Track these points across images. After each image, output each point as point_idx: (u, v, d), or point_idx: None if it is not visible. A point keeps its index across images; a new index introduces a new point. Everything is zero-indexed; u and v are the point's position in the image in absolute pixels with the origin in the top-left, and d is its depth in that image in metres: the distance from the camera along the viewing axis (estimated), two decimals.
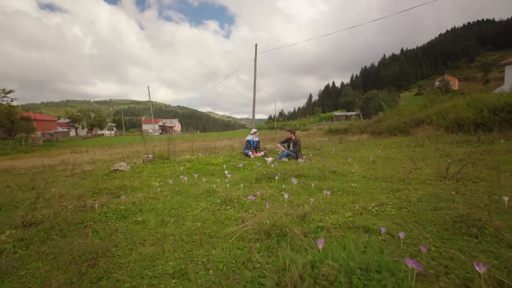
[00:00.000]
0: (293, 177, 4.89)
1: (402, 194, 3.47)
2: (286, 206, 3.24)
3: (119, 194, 4.43)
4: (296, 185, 4.29)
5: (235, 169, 6.18)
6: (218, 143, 30.20)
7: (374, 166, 5.65)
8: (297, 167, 5.46)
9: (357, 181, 4.39)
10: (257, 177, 4.82)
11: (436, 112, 12.80)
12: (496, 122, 9.79)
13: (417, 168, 5.05)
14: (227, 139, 40.54)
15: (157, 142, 36.65)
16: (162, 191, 4.44)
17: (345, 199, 3.46)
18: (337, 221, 2.58)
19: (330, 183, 4.33)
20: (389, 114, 17.55)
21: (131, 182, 5.26)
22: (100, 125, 69.37)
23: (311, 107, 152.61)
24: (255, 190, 4.10)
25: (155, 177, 5.90)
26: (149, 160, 7.75)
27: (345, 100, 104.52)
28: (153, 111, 45.92)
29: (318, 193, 3.83)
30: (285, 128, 72.19)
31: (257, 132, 8.07)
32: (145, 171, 6.57)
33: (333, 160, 6.69)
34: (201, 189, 4.38)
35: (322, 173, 5.04)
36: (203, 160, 7.21)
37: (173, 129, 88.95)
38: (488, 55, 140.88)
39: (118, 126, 73.40)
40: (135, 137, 57.20)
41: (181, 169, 6.29)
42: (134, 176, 6.02)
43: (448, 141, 8.39)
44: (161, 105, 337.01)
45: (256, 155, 7.56)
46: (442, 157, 6.25)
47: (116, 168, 6.47)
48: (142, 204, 3.67)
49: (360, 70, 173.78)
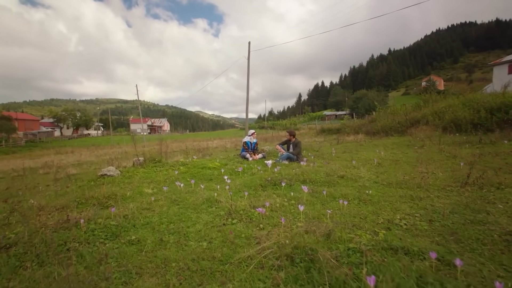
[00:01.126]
0: (300, 183, 4.54)
1: (426, 204, 3.16)
2: (302, 220, 2.87)
3: (108, 205, 3.96)
4: (306, 193, 3.94)
5: (234, 173, 5.77)
6: (210, 143, 29.62)
7: (382, 170, 5.36)
8: (301, 171, 5.11)
9: (369, 187, 4.07)
10: (261, 184, 4.43)
11: (431, 112, 12.73)
12: (494, 122, 9.74)
13: (428, 172, 4.78)
14: (217, 139, 39.98)
15: (146, 142, 35.74)
16: (156, 200, 4.00)
17: (364, 210, 3.12)
18: (369, 240, 2.23)
19: (341, 189, 3.99)
20: (383, 114, 17.48)
21: (121, 190, 4.78)
22: (87, 125, 67.30)
23: (300, 107, 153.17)
24: (261, 199, 3.71)
25: (148, 183, 5.43)
26: (139, 163, 7.24)
27: (335, 100, 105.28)
28: (141, 110, 44.79)
29: (332, 202, 3.49)
30: (275, 127, 71.93)
31: (255, 133, 7.69)
32: (136, 176, 6.08)
33: (337, 163, 6.37)
34: (200, 198, 3.96)
35: (330, 178, 4.70)
36: (198, 164, 6.77)
37: (162, 129, 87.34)
38: (471, 56, 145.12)
39: (105, 126, 71.25)
40: (123, 137, 55.75)
41: (175, 173, 5.83)
42: (124, 182, 5.53)
43: (449, 142, 8.22)
44: (150, 104, 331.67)
45: (254, 157, 7.17)
46: (449, 159, 6.03)
47: (104, 173, 5.95)
48: (135, 217, 3.22)
49: (349, 69, 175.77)
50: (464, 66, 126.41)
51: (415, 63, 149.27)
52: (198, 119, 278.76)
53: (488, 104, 10.66)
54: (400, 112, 15.73)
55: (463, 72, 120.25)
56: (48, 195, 4.84)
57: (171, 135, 71.55)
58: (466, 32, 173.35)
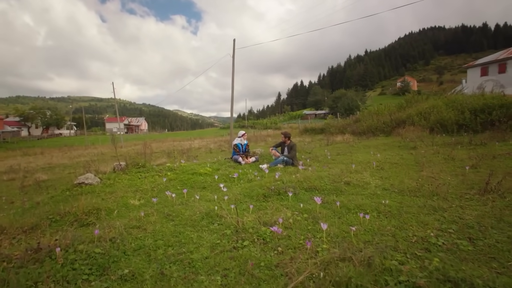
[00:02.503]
0: (304, 191, 4.18)
1: (453, 216, 2.89)
2: (325, 240, 2.50)
3: (89, 222, 3.39)
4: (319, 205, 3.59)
5: (229, 179, 5.31)
6: (191, 143, 28.75)
7: (385, 174, 5.12)
8: (303, 178, 4.75)
9: (382, 196, 3.78)
10: (264, 193, 4.01)
11: (416, 112, 12.90)
12: (478, 123, 9.96)
13: (435, 177, 4.60)
14: (198, 139, 39.08)
15: (124, 143, 34.17)
16: (147, 215, 3.47)
17: (387, 224, 2.80)
18: (418, 269, 1.88)
19: (353, 199, 3.66)
20: (367, 114, 17.64)
21: (103, 202, 4.18)
22: (58, 124, 63.33)
23: (280, 106, 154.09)
24: (269, 212, 3.31)
25: (133, 192, 4.85)
26: (121, 168, 6.58)
27: (314, 99, 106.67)
28: (117, 109, 42.84)
29: (348, 215, 3.14)
30: (256, 126, 71.57)
31: (245, 135, 7.25)
32: (118, 184, 5.45)
33: (336, 167, 6.09)
34: (198, 212, 3.49)
35: (336, 185, 4.38)
36: (188, 169, 6.23)
37: (140, 128, 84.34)
38: (441, 59, 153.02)
39: (79, 125, 67.31)
40: (98, 137, 53.07)
41: (163, 181, 5.27)
42: (105, 192, 4.91)
43: (440, 143, 8.23)
44: (126, 102, 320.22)
45: (247, 161, 6.74)
46: (448, 161, 5.93)
47: (82, 181, 5.27)
48: (125, 240, 2.70)
49: (327, 69, 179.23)
50: (435, 68, 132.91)
51: (390, 64, 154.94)
52: (177, 118, 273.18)
53: (471, 105, 10.91)
54: (384, 112, 15.90)
55: (434, 73, 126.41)
56: (13, 212, 4.13)
57: (150, 135, 69.23)
58: (436, 36, 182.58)
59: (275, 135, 28.60)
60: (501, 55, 21.42)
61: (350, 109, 58.86)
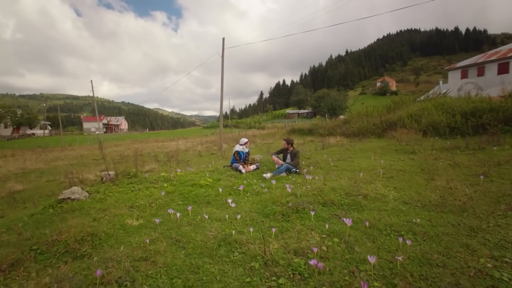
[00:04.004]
0: (321, 206, 3.87)
1: (497, 239, 2.67)
2: (374, 276, 2.18)
3: (83, 253, 2.89)
4: (337, 220, 3.30)
5: (234, 192, 4.91)
6: (175, 144, 27.83)
7: (398, 184, 4.92)
8: (316, 190, 4.44)
9: (406, 212, 3.55)
10: (281, 211, 3.66)
11: (407, 114, 13.02)
12: (469, 127, 10.12)
13: (451, 187, 4.44)
14: (182, 139, 38.09)
15: (104, 143, 32.63)
16: (152, 241, 3.02)
17: (429, 250, 2.54)
18: None
19: (378, 216, 3.39)
20: (356, 115, 17.72)
21: (96, 224, 3.67)
22: (30, 124, 59.69)
23: (262, 105, 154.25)
24: (293, 235, 2.96)
25: (128, 208, 4.34)
26: (110, 179, 5.99)
27: (297, 98, 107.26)
28: (96, 107, 41.02)
29: (382, 238, 2.85)
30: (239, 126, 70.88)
31: (248, 143, 6.86)
32: (109, 198, 4.90)
33: (342, 175, 5.85)
34: (211, 235, 3.09)
35: (353, 198, 4.10)
36: (185, 179, 5.76)
37: (120, 128, 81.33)
38: (418, 60, 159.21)
39: (54, 125, 63.59)
40: (75, 137, 50.53)
41: (161, 195, 4.78)
42: (96, 209, 4.36)
43: (438, 147, 8.23)
44: (104, 100, 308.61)
45: (247, 169, 6.36)
46: (453, 168, 5.84)
47: (67, 196, 4.68)
48: (135, 281, 2.26)
49: (309, 69, 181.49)
50: (412, 69, 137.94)
51: (370, 65, 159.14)
52: (157, 117, 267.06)
53: (461, 108, 11.10)
54: (374, 114, 16.00)
55: (412, 74, 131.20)
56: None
57: (130, 135, 66.93)
58: (412, 38, 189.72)
59: (262, 135, 28.25)
60: (479, 58, 22.30)
61: (333, 109, 59.75)
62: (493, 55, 21.20)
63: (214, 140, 27.35)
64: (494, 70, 20.62)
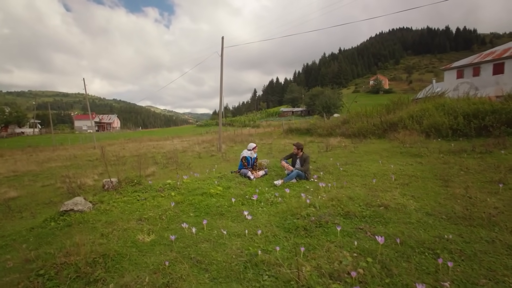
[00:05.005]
0: (341, 217, 3.70)
1: None
2: None
3: (97, 278, 2.65)
4: (367, 237, 3.14)
5: (247, 202, 4.70)
6: (170, 143, 27.40)
7: (415, 192, 4.78)
8: (335, 200, 4.29)
9: (433, 225, 3.40)
10: (304, 225, 3.47)
11: (408, 115, 12.99)
12: (472, 129, 10.11)
13: (470, 196, 4.33)
14: (177, 138, 37.63)
15: (96, 142, 31.97)
16: (171, 262, 2.80)
17: (472, 272, 2.40)
18: None
19: (406, 231, 3.24)
20: (355, 115, 17.67)
21: (105, 241, 3.42)
22: (19, 122, 58.11)
23: (256, 102, 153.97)
24: (323, 254, 2.78)
25: (136, 221, 4.09)
26: (113, 186, 5.72)
27: (291, 96, 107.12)
28: (85, 104, 40.11)
29: (415, 257, 2.69)
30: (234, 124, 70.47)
31: (256, 148, 6.66)
32: (115, 209, 4.65)
33: (355, 181, 5.71)
34: (233, 255, 2.90)
35: (374, 209, 3.95)
36: (193, 186, 5.52)
37: (112, 126, 79.99)
38: (409, 58, 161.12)
39: (44, 123, 61.99)
40: (67, 136, 49.40)
41: (171, 205, 4.54)
42: (102, 222, 4.11)
43: (444, 150, 8.17)
44: (95, 98, 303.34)
45: (256, 175, 6.16)
46: (466, 173, 5.75)
47: (70, 207, 4.41)
48: None
49: (303, 67, 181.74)
50: (405, 67, 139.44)
51: (363, 63, 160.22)
52: (150, 115, 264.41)
53: (462, 109, 11.10)
54: (374, 114, 15.96)
55: (404, 72, 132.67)
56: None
57: (123, 133, 65.93)
58: (404, 37, 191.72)
59: (259, 135, 28.05)
60: (475, 58, 22.52)
61: (328, 107, 59.90)
62: (489, 55, 21.43)
63: (211, 139, 27.02)
64: (489, 71, 20.85)
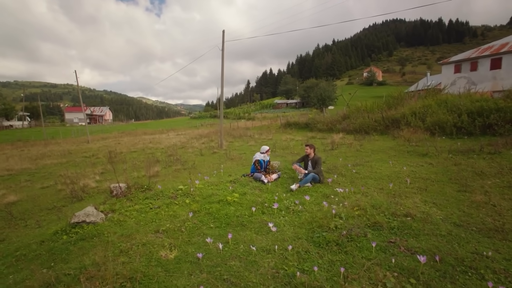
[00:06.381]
0: (369, 230, 3.60)
1: None
2: None
3: None
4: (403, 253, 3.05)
5: (267, 210, 4.56)
6: (165, 136, 26.90)
7: (437, 199, 4.70)
8: (358, 208, 4.19)
9: (465, 239, 3.33)
10: (335, 239, 3.35)
11: (410, 112, 12.97)
12: (477, 127, 10.13)
13: (493, 204, 4.29)
14: (172, 131, 37.09)
15: (90, 136, 31.26)
16: (204, 285, 2.66)
17: None
18: None
19: (440, 246, 3.16)
20: (356, 110, 17.61)
21: (126, 259, 3.24)
22: (7, 115, 56.30)
23: (249, 94, 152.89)
24: (365, 276, 2.67)
25: (154, 233, 3.92)
26: (121, 192, 5.50)
27: (285, 88, 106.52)
28: (76, 96, 38.97)
29: (459, 278, 2.61)
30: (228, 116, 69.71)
31: (269, 151, 6.48)
32: (129, 220, 4.45)
33: (370, 185, 5.63)
34: (268, 275, 2.77)
35: (401, 220, 3.86)
36: (207, 193, 5.34)
37: (104, 118, 78.36)
38: (403, 50, 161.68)
39: (33, 115, 60.14)
40: (58, 129, 48.13)
41: (189, 216, 4.36)
42: (117, 235, 3.91)
43: (453, 149, 8.15)
44: (85, 89, 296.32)
45: (269, 178, 6.01)
46: (481, 176, 5.72)
47: (82, 219, 4.20)
48: None
49: (296, 58, 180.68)
50: (398, 59, 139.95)
51: (356, 54, 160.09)
52: (141, 106, 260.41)
53: (466, 107, 11.10)
54: (375, 109, 15.91)
55: (397, 64, 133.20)
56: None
57: (116, 126, 64.77)
58: (398, 28, 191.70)
59: (256, 128, 27.80)
60: (473, 53, 22.60)
61: (323, 100, 59.82)
62: (486, 50, 21.53)
63: (207, 133, 26.65)
64: (487, 65, 20.98)
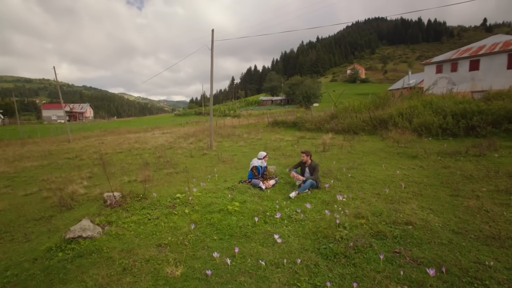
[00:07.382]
0: (372, 238, 3.66)
1: None
2: None
3: None
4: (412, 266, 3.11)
5: (270, 220, 4.53)
6: (150, 135, 26.24)
7: (432, 205, 4.83)
8: (358, 216, 4.26)
9: (466, 248, 3.44)
10: (342, 251, 3.38)
11: (397, 112, 13.31)
12: (461, 128, 10.55)
13: (486, 209, 4.47)
14: (156, 130, 36.34)
15: (71, 135, 30.04)
16: None
17: None
18: None
19: (443, 255, 3.25)
20: (343, 110, 17.88)
21: (131, 278, 3.13)
22: None
23: (234, 90, 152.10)
24: None
25: (156, 247, 3.81)
26: (116, 202, 5.31)
27: (270, 85, 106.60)
28: (52, 91, 37.29)
29: None
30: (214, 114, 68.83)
31: (266, 157, 6.44)
32: (127, 233, 4.29)
33: (365, 190, 5.73)
34: None
35: (402, 228, 3.94)
36: (206, 201, 5.24)
37: (84, 115, 75.40)
38: (384, 48, 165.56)
39: (7, 112, 56.82)
40: (35, 127, 45.89)
41: (191, 227, 4.27)
42: (117, 250, 3.77)
43: (440, 151, 8.43)
44: (63, 84, 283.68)
45: (268, 184, 5.99)
46: (470, 180, 5.95)
47: (78, 234, 4.01)
48: None
49: (280, 54, 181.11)
50: (380, 57, 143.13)
51: (340, 52, 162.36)
52: (123, 103, 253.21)
53: (450, 109, 11.52)
54: (362, 109, 16.22)
55: (379, 62, 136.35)
56: None
57: (97, 123, 62.59)
58: (380, 26, 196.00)
59: (242, 127, 27.70)
60: (453, 54, 23.47)
61: (308, 97, 60.40)
62: (465, 52, 22.42)
63: (194, 132, 26.23)
64: (466, 67, 21.86)
